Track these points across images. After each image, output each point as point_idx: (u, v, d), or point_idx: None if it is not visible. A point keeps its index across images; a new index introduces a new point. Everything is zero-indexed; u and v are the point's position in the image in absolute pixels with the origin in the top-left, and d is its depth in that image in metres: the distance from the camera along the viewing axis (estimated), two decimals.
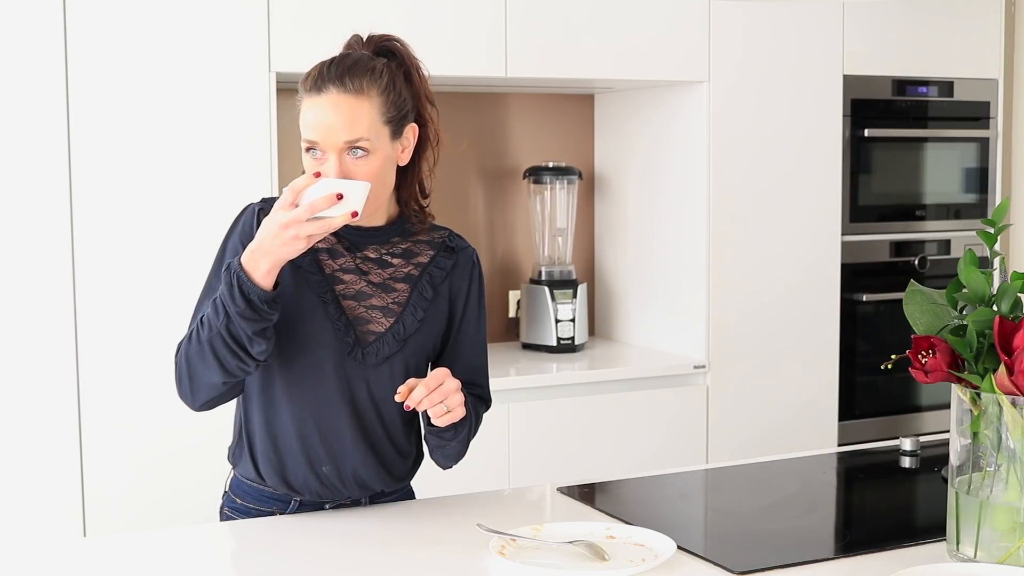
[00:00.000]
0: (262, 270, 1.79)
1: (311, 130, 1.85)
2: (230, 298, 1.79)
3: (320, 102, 1.85)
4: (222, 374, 1.86)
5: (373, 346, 1.94)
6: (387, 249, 1.99)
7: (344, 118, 1.84)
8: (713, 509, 2.16)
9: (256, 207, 1.96)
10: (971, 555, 1.69)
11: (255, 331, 1.81)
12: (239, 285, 1.78)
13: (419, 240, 2.02)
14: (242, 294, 1.78)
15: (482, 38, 3.27)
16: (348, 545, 1.84)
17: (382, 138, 1.87)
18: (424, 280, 1.99)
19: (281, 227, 1.75)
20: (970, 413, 1.68)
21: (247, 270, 1.79)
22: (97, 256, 2.90)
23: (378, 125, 1.87)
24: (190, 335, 1.88)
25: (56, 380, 2.87)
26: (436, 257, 2.01)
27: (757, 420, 3.67)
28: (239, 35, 3.00)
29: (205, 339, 1.83)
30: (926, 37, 3.86)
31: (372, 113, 1.86)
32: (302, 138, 1.87)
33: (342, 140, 1.84)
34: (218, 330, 1.81)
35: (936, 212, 3.95)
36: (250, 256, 1.79)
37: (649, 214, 3.80)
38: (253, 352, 1.83)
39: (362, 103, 1.85)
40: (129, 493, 2.93)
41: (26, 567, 1.77)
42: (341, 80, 1.85)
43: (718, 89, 3.56)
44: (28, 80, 2.82)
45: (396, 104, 1.90)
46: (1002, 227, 1.71)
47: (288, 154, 3.21)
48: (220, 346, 1.83)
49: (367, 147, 1.85)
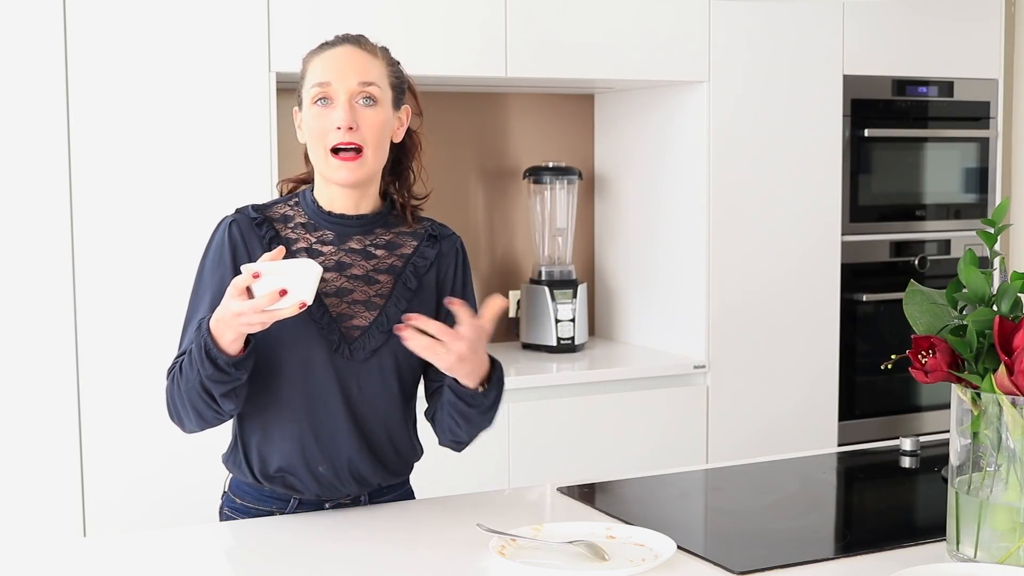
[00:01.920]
0: (227, 339, 1.80)
1: (324, 72, 1.91)
2: (199, 360, 1.82)
3: (333, 53, 1.93)
4: (201, 422, 1.91)
5: (359, 341, 1.95)
6: (371, 240, 2.00)
7: (357, 63, 1.92)
8: (713, 509, 2.16)
9: (228, 220, 1.97)
10: (971, 555, 1.69)
11: (222, 392, 1.84)
12: (206, 349, 1.80)
13: (402, 232, 2.03)
14: (209, 358, 1.80)
15: (482, 38, 3.27)
16: (348, 545, 1.83)
17: (387, 98, 1.94)
18: (408, 271, 2.00)
19: (234, 315, 1.76)
20: (970, 413, 1.68)
21: (214, 336, 1.80)
22: (97, 256, 2.89)
23: (385, 83, 1.94)
24: (173, 376, 1.90)
25: (56, 380, 2.87)
26: (420, 247, 2.03)
27: (757, 420, 3.67)
28: (239, 35, 3.00)
29: (183, 389, 1.87)
30: (926, 37, 3.86)
31: (382, 70, 1.95)
32: (311, 85, 1.92)
33: (355, 81, 1.90)
34: (193, 384, 1.84)
35: (936, 212, 3.95)
36: (216, 324, 1.80)
37: (649, 214, 3.80)
38: (223, 409, 1.87)
39: (374, 59, 1.94)
40: (129, 493, 2.93)
41: (26, 567, 1.77)
42: (355, 40, 1.96)
43: (718, 89, 3.56)
44: (28, 80, 2.82)
45: (398, 75, 1.99)
46: (1002, 227, 1.71)
47: (288, 154, 3.20)
48: (196, 399, 1.86)
49: (376, 95, 1.92)
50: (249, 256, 1.93)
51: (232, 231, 1.95)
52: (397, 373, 1.98)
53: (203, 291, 1.95)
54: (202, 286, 1.96)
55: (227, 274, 1.91)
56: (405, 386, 2.01)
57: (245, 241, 1.94)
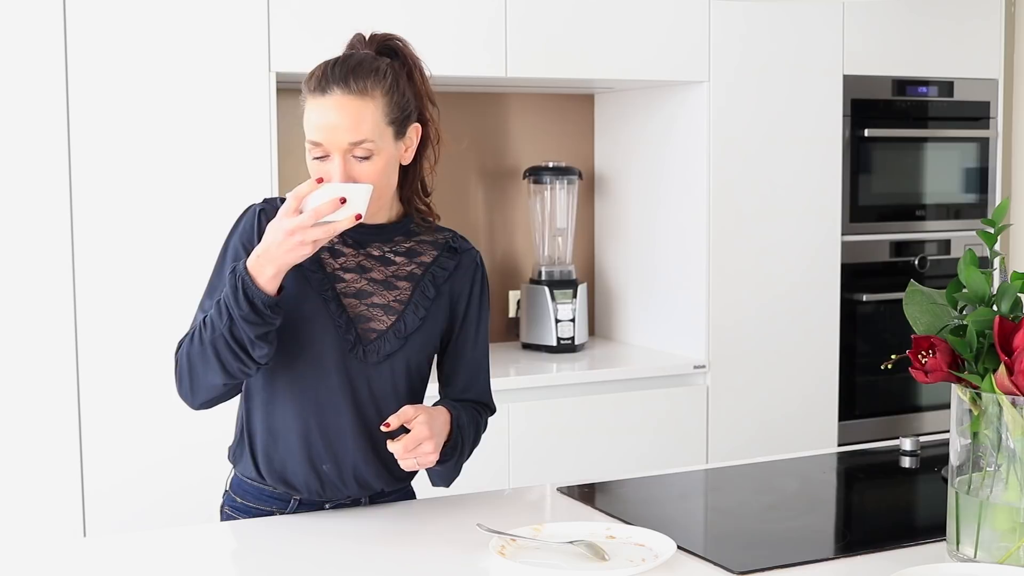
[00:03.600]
0: (267, 275, 1.80)
1: (315, 131, 1.85)
2: (234, 301, 1.80)
3: (324, 103, 1.85)
4: (223, 375, 1.87)
5: (375, 344, 1.95)
6: (390, 247, 1.99)
7: (348, 120, 1.84)
8: (713, 509, 2.16)
9: (257, 208, 1.97)
10: (971, 555, 1.69)
11: (257, 335, 1.82)
12: (244, 289, 1.79)
13: (423, 240, 2.02)
14: (246, 298, 1.79)
15: (482, 38, 3.27)
16: (348, 545, 1.84)
17: (386, 138, 1.88)
18: (427, 279, 1.99)
19: (287, 233, 1.76)
20: (970, 413, 1.68)
21: (252, 274, 1.80)
22: (97, 256, 2.90)
23: (382, 126, 1.87)
24: (192, 335, 1.88)
25: (56, 380, 2.87)
26: (439, 257, 2.02)
27: (757, 420, 3.67)
28: (239, 35, 3.00)
29: (208, 340, 1.84)
30: (926, 37, 3.86)
31: (376, 114, 1.86)
32: (306, 140, 1.87)
33: (346, 142, 1.84)
34: (221, 331, 1.82)
35: (936, 212, 3.95)
36: (255, 261, 1.80)
37: (649, 214, 3.80)
38: (255, 355, 1.84)
39: (366, 104, 1.85)
40: (129, 493, 2.93)
41: (26, 567, 1.77)
42: (345, 81, 1.85)
43: (718, 89, 3.56)
44: (28, 80, 2.82)
45: (400, 105, 1.90)
46: (1002, 227, 1.71)
47: (288, 154, 3.21)
48: (222, 347, 1.83)
49: (371, 148, 1.85)
50: None
51: (261, 219, 1.93)
52: (408, 379, 1.99)
53: (227, 269, 1.92)
54: (226, 265, 1.94)
55: None
56: (415, 392, 2.01)
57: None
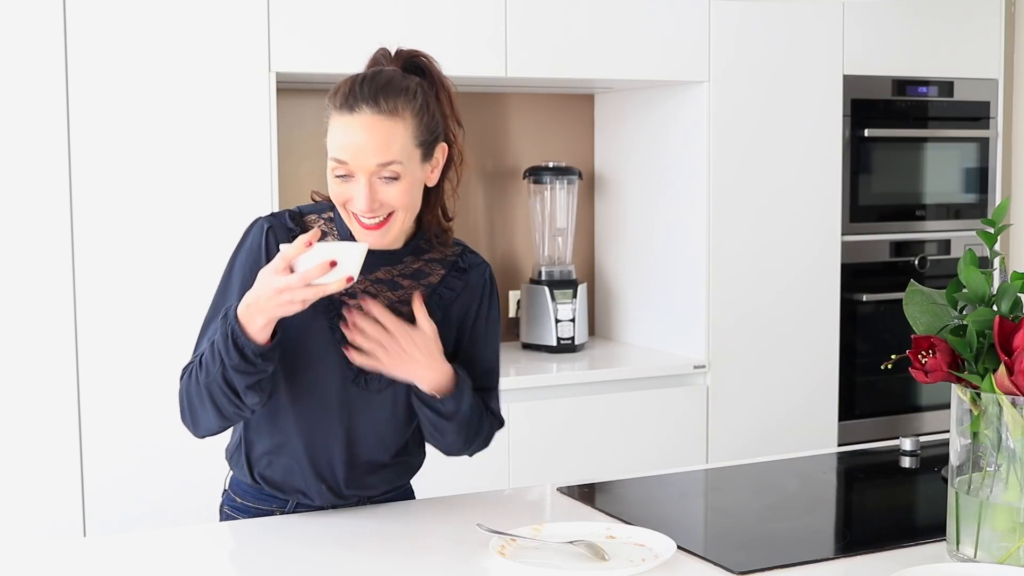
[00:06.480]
0: (257, 325, 1.75)
1: (341, 151, 1.78)
2: (224, 349, 1.76)
3: (352, 122, 1.77)
4: (219, 419, 1.85)
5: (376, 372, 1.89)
6: (399, 270, 1.93)
7: (377, 140, 1.77)
8: (713, 509, 2.16)
9: (265, 225, 1.90)
10: (971, 555, 1.69)
11: (248, 384, 1.78)
12: (233, 338, 1.75)
13: (432, 259, 1.96)
14: (236, 346, 1.75)
15: (482, 38, 3.27)
16: (348, 545, 1.83)
17: (413, 161, 1.81)
18: (433, 301, 1.93)
19: (276, 291, 1.71)
20: (970, 413, 1.68)
21: (242, 323, 1.75)
22: (97, 256, 2.89)
23: (410, 148, 1.80)
24: (191, 371, 1.85)
25: (56, 380, 2.87)
26: (447, 277, 1.96)
27: (757, 420, 3.67)
28: (239, 35, 3.00)
29: (203, 383, 1.81)
30: (926, 37, 3.86)
31: (405, 135, 1.79)
32: (329, 156, 1.80)
33: (374, 163, 1.77)
34: (214, 376, 1.79)
35: (936, 212, 3.95)
36: (246, 310, 1.75)
37: (649, 214, 3.80)
38: (247, 403, 1.81)
39: (396, 125, 1.78)
40: (129, 493, 2.93)
41: (26, 567, 1.77)
42: (375, 99, 1.78)
43: (718, 89, 3.56)
44: (28, 80, 2.81)
45: (429, 126, 1.83)
46: (1002, 227, 1.71)
47: (288, 154, 3.21)
48: (217, 392, 1.80)
49: (398, 171, 1.78)
50: None
51: (268, 238, 1.87)
52: (407, 404, 1.95)
53: (231, 290, 1.88)
54: (231, 285, 1.89)
55: None
56: (412, 412, 1.96)
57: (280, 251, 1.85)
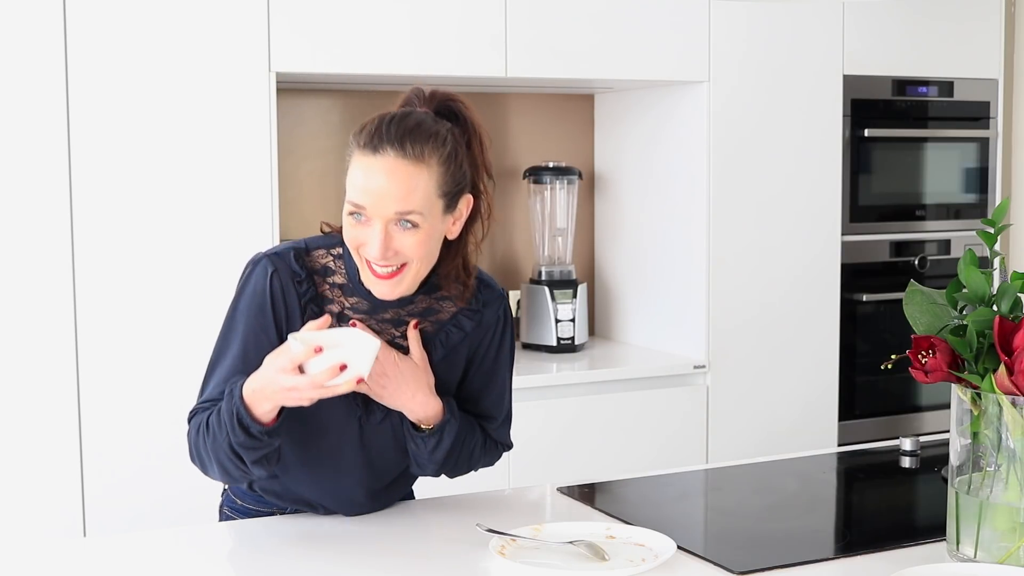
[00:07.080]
0: (263, 409, 1.71)
1: (360, 193, 1.71)
2: (230, 426, 1.72)
3: (374, 164, 1.70)
4: (227, 479, 1.83)
5: (377, 404, 1.86)
6: (407, 310, 1.87)
7: (399, 187, 1.69)
8: (713, 509, 2.16)
9: (269, 268, 1.82)
10: (971, 555, 1.69)
11: (254, 460, 1.75)
12: (238, 417, 1.71)
13: (442, 296, 1.89)
14: (241, 427, 1.71)
15: (482, 38, 3.27)
16: (348, 545, 1.83)
17: (434, 211, 1.73)
18: (438, 339, 1.88)
19: (284, 389, 1.67)
20: (970, 413, 1.68)
21: (248, 404, 1.71)
22: (97, 256, 2.89)
23: (433, 198, 1.72)
24: (199, 428, 1.80)
25: (56, 380, 2.87)
26: (457, 316, 1.90)
27: (757, 420, 3.67)
28: (239, 35, 2.99)
29: (211, 448, 1.77)
30: (926, 37, 3.86)
31: (429, 184, 1.71)
32: (347, 199, 1.73)
33: (392, 211, 1.70)
34: (221, 444, 1.75)
35: (936, 212, 3.95)
36: (252, 394, 1.70)
37: (649, 214, 3.80)
38: (255, 473, 1.79)
39: (420, 172, 1.70)
40: (129, 493, 2.93)
41: (26, 567, 1.77)
42: (400, 143, 1.70)
43: (718, 89, 3.56)
44: (28, 80, 2.81)
45: (455, 176, 1.75)
46: (1002, 227, 1.71)
47: (288, 154, 3.21)
48: (224, 460, 1.77)
49: (417, 221, 1.71)
50: (287, 312, 1.81)
51: (273, 284, 1.80)
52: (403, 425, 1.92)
53: (234, 336, 1.83)
54: (234, 331, 1.83)
55: (268, 326, 1.80)
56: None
57: (285, 296, 1.81)
